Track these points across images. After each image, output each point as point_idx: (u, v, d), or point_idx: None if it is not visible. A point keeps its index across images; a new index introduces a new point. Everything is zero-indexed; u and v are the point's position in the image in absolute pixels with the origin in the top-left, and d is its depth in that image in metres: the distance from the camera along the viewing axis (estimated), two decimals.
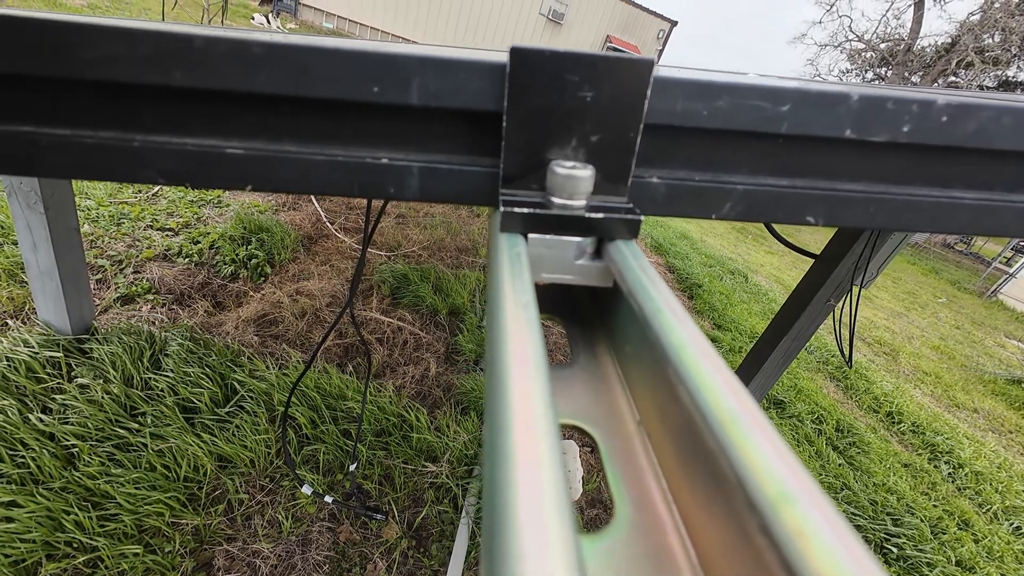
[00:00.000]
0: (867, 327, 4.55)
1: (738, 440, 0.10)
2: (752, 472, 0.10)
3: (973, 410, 3.46)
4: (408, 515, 1.39)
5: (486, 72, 0.20)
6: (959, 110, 0.23)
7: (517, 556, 0.08)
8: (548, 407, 0.11)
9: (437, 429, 1.66)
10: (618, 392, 0.21)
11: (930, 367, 4.01)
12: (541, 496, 0.09)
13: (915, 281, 8.42)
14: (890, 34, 20.64)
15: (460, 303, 2.41)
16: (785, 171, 0.25)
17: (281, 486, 1.36)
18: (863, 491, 2.11)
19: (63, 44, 0.19)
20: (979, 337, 5.69)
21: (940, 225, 0.27)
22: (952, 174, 0.27)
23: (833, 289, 1.26)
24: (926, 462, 2.53)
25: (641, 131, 0.21)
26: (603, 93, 0.20)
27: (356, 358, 1.90)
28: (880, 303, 5.78)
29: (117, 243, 2.09)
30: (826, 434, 2.45)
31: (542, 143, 0.21)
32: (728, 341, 3.09)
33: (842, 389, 3.09)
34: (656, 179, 0.24)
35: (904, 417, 2.88)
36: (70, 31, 0.18)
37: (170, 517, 1.21)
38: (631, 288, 0.17)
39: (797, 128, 0.23)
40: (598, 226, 0.20)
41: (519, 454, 0.10)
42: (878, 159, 0.26)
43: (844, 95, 0.22)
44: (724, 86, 0.22)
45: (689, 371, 0.13)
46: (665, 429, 0.15)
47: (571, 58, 0.19)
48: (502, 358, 0.13)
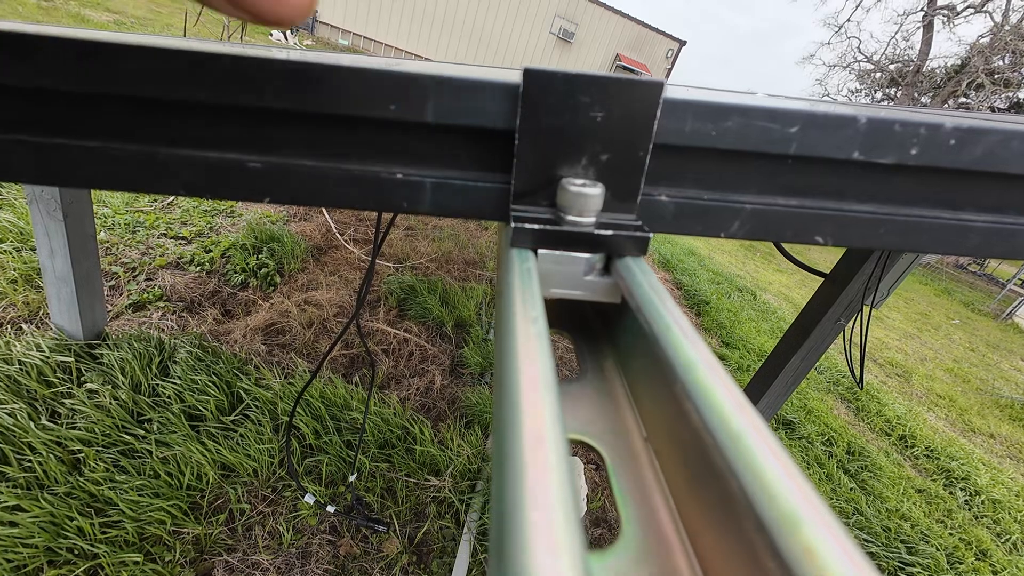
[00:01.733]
0: (879, 348, 4.48)
1: (747, 459, 0.10)
2: (761, 491, 0.10)
3: (990, 435, 3.37)
4: (410, 529, 1.37)
5: (500, 92, 0.21)
6: (967, 134, 0.23)
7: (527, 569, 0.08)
8: (557, 421, 0.11)
9: (441, 442, 1.65)
10: (625, 408, 0.21)
11: (944, 390, 3.93)
12: (551, 510, 0.09)
13: (928, 302, 8.30)
14: (899, 55, 20.74)
15: (466, 315, 2.42)
16: (793, 191, 0.26)
17: (283, 496, 1.35)
18: (876, 517, 2.05)
19: (97, 60, 0.19)
20: (994, 360, 5.57)
21: (950, 247, 0.27)
22: (962, 196, 0.27)
23: (843, 309, 1.25)
24: (941, 488, 2.46)
25: (650, 150, 0.21)
26: (613, 113, 0.20)
27: (362, 368, 1.90)
28: (892, 323, 5.70)
29: (131, 250, 2.12)
30: (837, 456, 2.40)
31: (553, 161, 0.21)
32: (736, 359, 3.05)
33: (853, 411, 3.03)
34: (665, 197, 0.25)
35: (918, 441, 2.82)
36: (104, 48, 0.19)
37: (172, 525, 1.20)
38: (640, 304, 0.18)
39: (805, 149, 0.23)
40: (607, 243, 0.20)
41: (529, 467, 0.10)
42: (887, 180, 0.26)
43: (852, 118, 0.23)
44: (733, 107, 0.22)
45: (698, 389, 0.13)
46: (673, 447, 0.15)
47: (582, 80, 0.20)
48: (512, 371, 0.13)
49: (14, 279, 1.74)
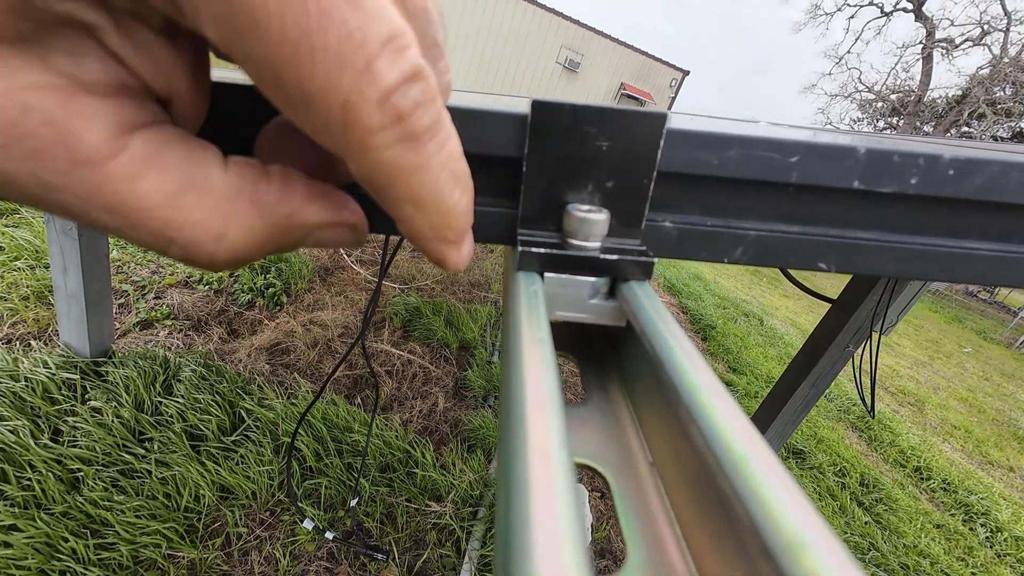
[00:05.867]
0: (890, 376, 4.39)
1: (752, 483, 0.10)
2: (766, 516, 0.10)
3: (1009, 468, 3.27)
4: (409, 557, 1.34)
5: (508, 122, 0.22)
6: (966, 164, 0.23)
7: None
8: (563, 442, 0.11)
9: (442, 467, 1.62)
10: (630, 432, 0.21)
11: (959, 420, 3.83)
12: (557, 533, 0.09)
13: (938, 329, 8.18)
14: (900, 86, 21.11)
15: (471, 337, 2.41)
16: (796, 218, 0.26)
17: (281, 520, 1.33)
18: (893, 553, 1.98)
19: None
20: (1010, 390, 5.44)
21: (954, 275, 0.27)
22: (964, 225, 0.27)
23: (852, 335, 1.23)
24: (960, 523, 2.37)
25: (654, 178, 0.22)
26: (619, 143, 0.21)
27: (365, 390, 1.89)
28: (902, 351, 5.61)
29: (142, 269, 2.16)
30: (850, 488, 2.33)
31: (559, 188, 0.22)
32: (744, 385, 3.00)
33: (865, 440, 2.95)
34: (669, 223, 0.25)
35: (934, 473, 2.73)
36: None
37: (167, 549, 1.18)
38: (644, 328, 0.18)
39: (806, 178, 0.24)
40: (612, 267, 0.20)
41: (534, 489, 0.10)
42: (888, 209, 0.26)
43: (851, 148, 0.23)
44: (735, 138, 0.23)
45: (702, 412, 0.13)
46: (678, 471, 0.15)
47: (589, 111, 0.20)
48: (518, 391, 0.13)
49: (26, 296, 1.76)
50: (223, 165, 0.14)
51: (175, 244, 0.13)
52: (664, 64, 15.56)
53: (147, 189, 0.13)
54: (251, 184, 0.15)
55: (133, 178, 0.12)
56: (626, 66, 15.32)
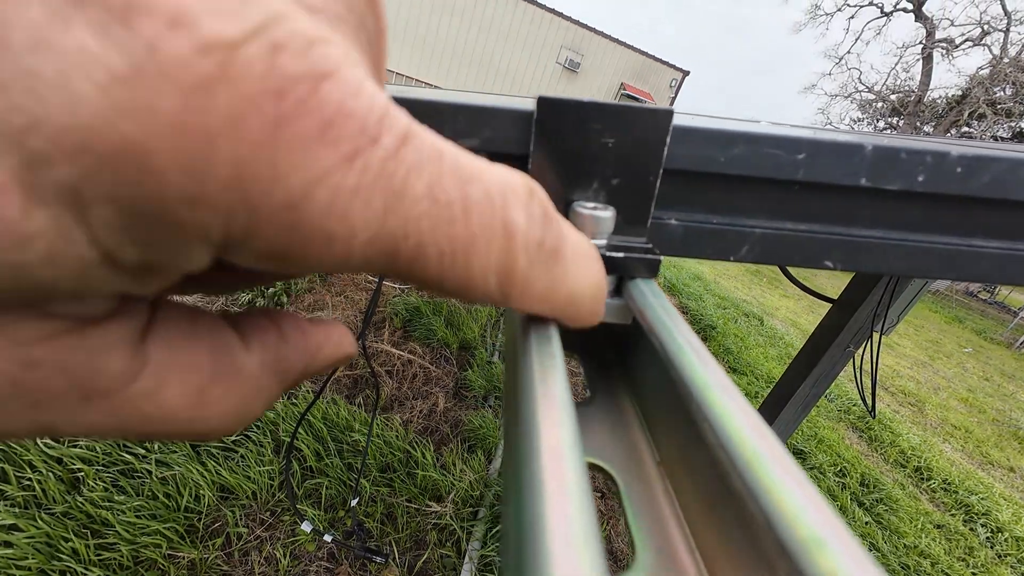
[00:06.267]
0: (890, 376, 4.39)
1: (766, 481, 0.10)
2: (781, 514, 0.09)
3: (1009, 468, 3.26)
4: (409, 558, 1.33)
5: (514, 119, 0.21)
6: (973, 162, 0.23)
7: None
8: (575, 438, 0.11)
9: (443, 467, 1.62)
10: (637, 431, 0.21)
11: (959, 420, 3.83)
12: (573, 534, 0.09)
13: (938, 329, 8.18)
14: (900, 86, 21.12)
15: (471, 337, 2.41)
16: (802, 216, 0.26)
17: (281, 520, 1.33)
18: (893, 553, 1.97)
19: None
20: (1010, 390, 5.44)
21: (961, 273, 0.27)
22: (971, 222, 0.27)
23: (852, 335, 1.23)
24: (961, 524, 2.37)
25: (660, 175, 0.22)
26: (624, 140, 0.21)
27: (365, 390, 1.89)
28: (903, 351, 5.61)
29: None
30: (850, 488, 2.33)
31: (565, 185, 0.22)
32: (744, 385, 3.01)
33: (865, 440, 2.95)
34: (674, 221, 0.25)
35: (934, 473, 2.73)
36: None
37: (167, 549, 1.18)
38: (651, 326, 0.18)
39: (812, 176, 0.24)
40: (619, 265, 0.20)
41: (548, 490, 0.10)
42: (895, 206, 0.26)
43: (858, 145, 0.23)
44: (740, 135, 0.23)
45: (713, 410, 0.13)
46: (687, 470, 0.15)
47: (595, 107, 0.20)
48: (528, 391, 0.13)
49: None
50: (243, 342, 0.13)
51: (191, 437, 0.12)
52: (664, 64, 15.56)
53: (170, 397, 0.11)
54: (273, 354, 0.13)
55: (155, 392, 0.11)
56: (626, 66, 15.32)
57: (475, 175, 0.11)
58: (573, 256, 0.14)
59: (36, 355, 0.09)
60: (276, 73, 0.08)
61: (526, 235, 0.12)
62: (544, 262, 0.13)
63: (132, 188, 0.08)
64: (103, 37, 0.07)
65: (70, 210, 0.08)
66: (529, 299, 0.13)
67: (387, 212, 0.10)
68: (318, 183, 0.09)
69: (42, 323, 0.09)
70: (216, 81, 0.08)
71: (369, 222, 0.09)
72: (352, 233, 0.09)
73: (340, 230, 0.09)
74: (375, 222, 0.10)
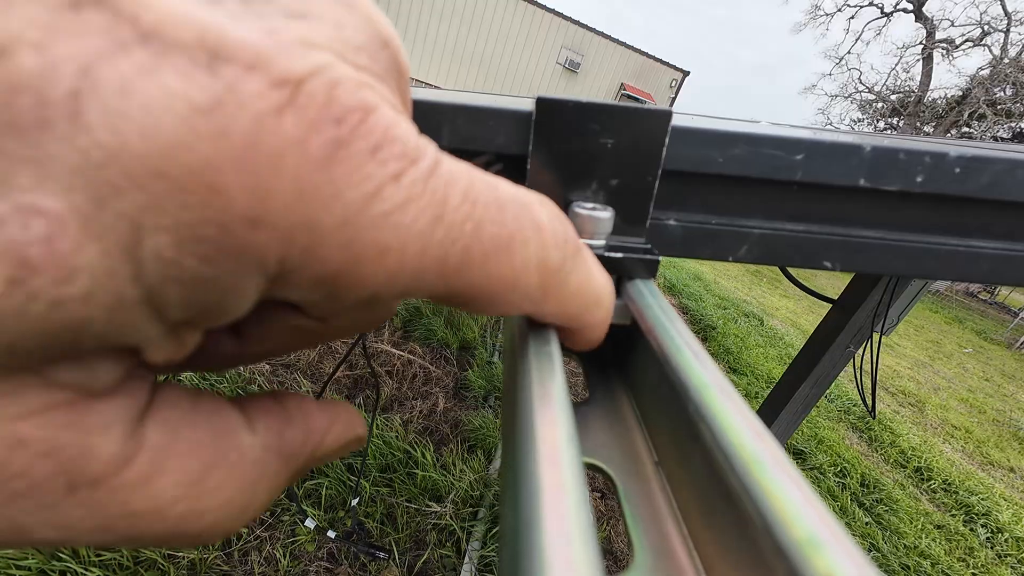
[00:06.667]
0: (890, 376, 4.39)
1: (763, 481, 0.10)
2: (778, 515, 0.09)
3: (1009, 469, 3.26)
4: (409, 558, 1.33)
5: (513, 119, 0.21)
6: (972, 162, 0.23)
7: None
8: (572, 438, 0.11)
9: (443, 467, 1.62)
10: (635, 432, 0.21)
11: (959, 421, 3.83)
12: (568, 530, 0.09)
13: (938, 330, 8.17)
14: (900, 86, 21.12)
15: (471, 338, 2.41)
16: (800, 216, 0.26)
17: (281, 521, 1.33)
18: (893, 554, 1.97)
19: None
20: (1010, 391, 5.44)
21: (959, 273, 0.27)
22: (970, 223, 0.27)
23: (852, 335, 1.23)
24: (961, 524, 2.36)
25: (659, 176, 0.22)
26: (623, 140, 0.21)
27: (365, 390, 1.89)
28: (903, 351, 5.60)
29: None
30: (851, 488, 2.32)
31: (564, 185, 0.22)
32: (744, 386, 3.00)
33: (866, 441, 2.95)
34: (673, 221, 0.25)
35: (934, 474, 2.73)
36: None
37: (167, 549, 1.18)
38: (650, 326, 0.18)
39: (811, 176, 0.24)
40: (617, 265, 0.20)
41: (545, 489, 0.10)
42: (894, 207, 0.26)
43: (857, 146, 0.23)
44: (739, 135, 0.23)
45: (711, 411, 0.13)
46: (685, 470, 0.15)
47: (594, 108, 0.20)
48: (525, 391, 0.13)
49: None
50: (247, 424, 0.12)
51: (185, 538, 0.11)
52: (664, 64, 15.56)
53: (164, 486, 0.10)
54: (277, 436, 0.13)
55: (148, 479, 0.10)
56: (626, 66, 15.32)
57: (498, 184, 0.12)
58: (592, 257, 0.15)
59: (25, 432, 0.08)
60: (335, 103, 0.09)
61: (553, 230, 0.13)
62: (572, 257, 0.14)
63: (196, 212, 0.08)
64: (187, 79, 0.08)
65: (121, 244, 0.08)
66: (564, 298, 0.14)
67: (435, 221, 0.10)
68: (372, 198, 0.10)
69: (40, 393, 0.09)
70: (285, 108, 0.09)
71: (420, 232, 0.10)
72: (404, 245, 0.10)
73: (394, 242, 0.10)
74: (425, 232, 0.10)
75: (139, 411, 0.10)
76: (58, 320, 0.08)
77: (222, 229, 0.08)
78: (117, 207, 0.08)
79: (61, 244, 0.07)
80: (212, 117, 0.08)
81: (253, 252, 0.09)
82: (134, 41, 0.08)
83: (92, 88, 0.07)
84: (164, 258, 0.08)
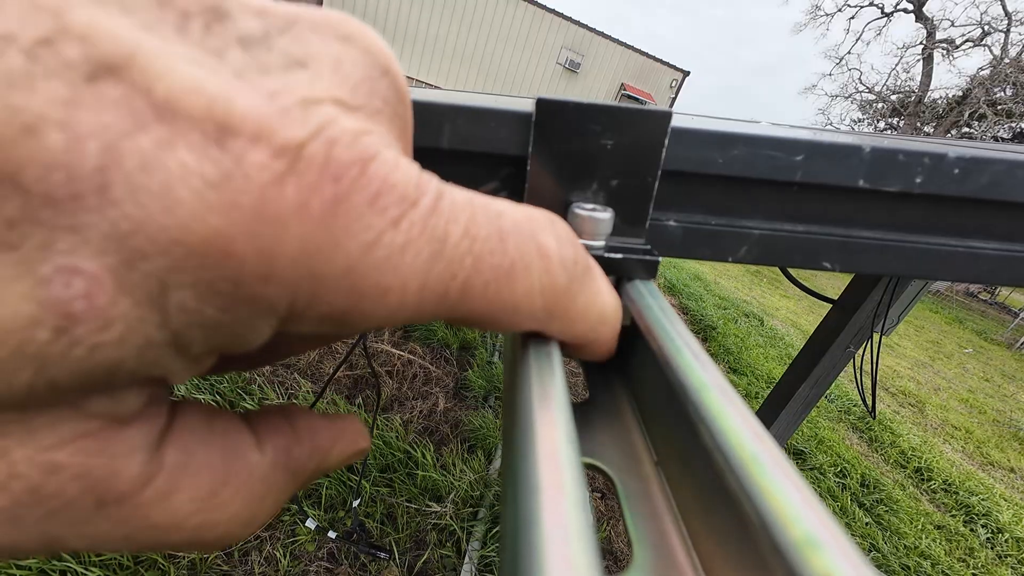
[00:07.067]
0: (890, 376, 4.39)
1: (761, 482, 0.10)
2: (777, 515, 0.09)
3: (1010, 469, 3.26)
4: (409, 558, 1.33)
5: (513, 120, 0.21)
6: (971, 163, 0.23)
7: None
8: (571, 439, 0.11)
9: (443, 467, 1.62)
10: (635, 432, 0.21)
11: (960, 421, 3.82)
12: (568, 534, 0.09)
13: (938, 330, 8.17)
14: (900, 86, 21.10)
15: (472, 338, 2.41)
16: (800, 217, 0.26)
17: (281, 521, 1.33)
18: (894, 554, 1.97)
19: None
20: (1011, 391, 5.43)
21: (959, 274, 0.27)
22: (969, 224, 0.27)
23: (852, 335, 1.23)
24: (961, 524, 2.36)
25: (658, 177, 0.22)
26: (623, 141, 0.21)
27: (365, 390, 1.89)
28: (903, 352, 5.60)
29: None
30: (851, 489, 2.32)
31: (564, 186, 0.22)
32: (744, 386, 3.00)
33: (866, 441, 2.95)
34: (673, 222, 0.25)
35: (934, 474, 2.72)
36: None
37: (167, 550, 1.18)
38: (650, 327, 0.18)
39: (811, 177, 0.24)
40: (617, 266, 0.20)
41: (544, 490, 0.10)
42: (893, 208, 0.26)
43: (856, 147, 0.23)
44: (739, 136, 0.23)
45: (709, 411, 0.13)
46: (684, 470, 0.15)
47: (593, 109, 0.20)
48: (525, 391, 0.13)
49: None
50: (256, 443, 0.13)
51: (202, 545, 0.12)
52: (664, 65, 15.56)
53: (180, 501, 0.11)
54: (285, 454, 0.14)
55: (167, 496, 0.11)
56: (627, 67, 15.32)
57: (503, 212, 0.13)
58: (602, 276, 0.16)
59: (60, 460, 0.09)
60: (333, 162, 0.10)
61: (560, 254, 0.13)
62: (580, 278, 0.14)
63: (213, 272, 0.09)
64: (200, 155, 0.09)
65: (150, 297, 0.09)
66: (571, 318, 0.14)
67: (433, 259, 0.11)
68: (373, 245, 0.10)
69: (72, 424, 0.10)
70: (287, 175, 0.09)
71: (418, 271, 0.11)
72: (404, 284, 0.11)
73: (394, 282, 0.11)
74: (423, 269, 0.11)
75: (159, 435, 0.11)
76: (95, 361, 0.09)
77: (236, 285, 0.09)
78: (144, 268, 0.09)
79: (99, 299, 0.08)
80: (223, 191, 0.09)
81: (264, 302, 0.10)
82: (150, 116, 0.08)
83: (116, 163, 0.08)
84: (187, 308, 0.09)
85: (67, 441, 0.10)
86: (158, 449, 0.11)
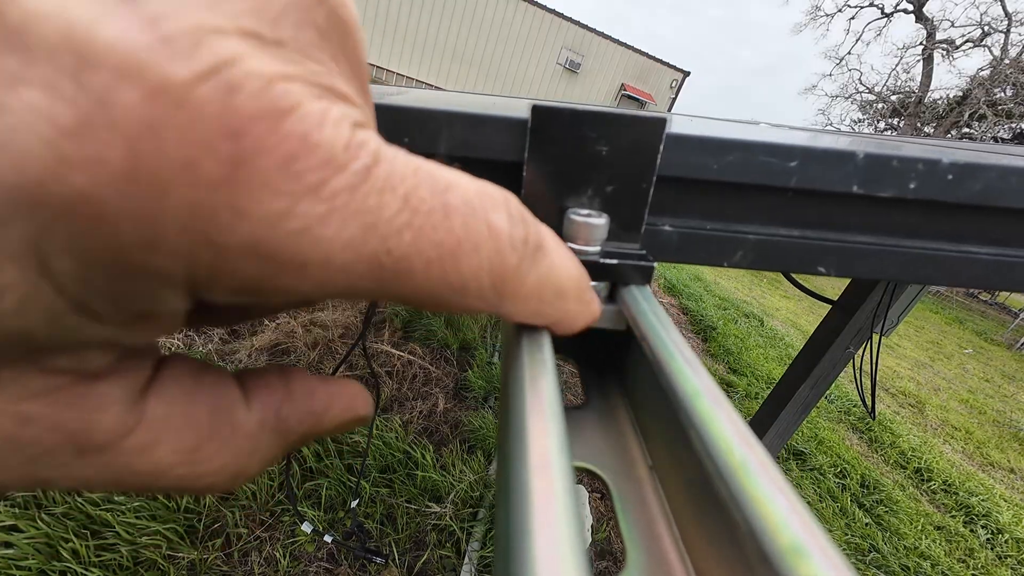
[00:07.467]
0: (890, 377, 4.39)
1: (750, 490, 0.10)
2: (764, 522, 0.10)
3: (1010, 470, 3.26)
4: (409, 558, 1.34)
5: (509, 127, 0.22)
6: (964, 169, 0.23)
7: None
8: (563, 447, 0.12)
9: (443, 467, 1.62)
10: (630, 436, 0.21)
11: (960, 421, 3.82)
12: (557, 539, 0.09)
13: (939, 330, 8.17)
14: (900, 87, 21.09)
15: (471, 338, 2.41)
16: (795, 222, 0.26)
17: (281, 521, 1.33)
18: (893, 555, 1.97)
19: None
20: (1011, 391, 5.43)
21: (954, 279, 0.27)
22: (964, 229, 0.27)
23: (852, 336, 1.23)
24: (961, 525, 2.36)
25: (654, 182, 0.22)
26: (618, 147, 0.21)
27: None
28: (903, 352, 5.60)
29: None
30: (851, 489, 2.32)
31: (559, 192, 0.22)
32: (744, 386, 3.00)
33: (866, 441, 2.95)
34: (668, 227, 0.25)
35: (934, 474, 2.72)
36: None
37: (167, 550, 1.18)
38: (644, 333, 0.18)
39: (805, 182, 0.24)
40: (612, 271, 0.21)
41: (535, 496, 0.10)
42: (887, 213, 0.26)
43: (850, 153, 0.23)
44: (734, 142, 0.23)
45: (700, 418, 0.13)
46: (677, 476, 0.15)
47: (589, 115, 0.20)
48: (518, 396, 0.13)
49: None
50: (244, 399, 0.13)
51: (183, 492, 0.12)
52: (665, 65, 15.56)
53: (162, 454, 0.11)
54: (274, 411, 0.13)
55: (149, 447, 0.11)
56: (627, 67, 15.32)
57: (452, 184, 0.12)
58: (556, 249, 0.14)
59: (30, 411, 0.09)
60: (230, 113, 0.08)
61: (511, 234, 0.12)
62: (532, 256, 0.13)
63: (87, 240, 0.08)
64: (52, 94, 0.07)
65: (33, 263, 0.08)
66: (523, 297, 0.13)
67: (365, 232, 0.10)
68: (284, 215, 0.09)
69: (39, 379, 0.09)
70: (164, 127, 0.08)
71: (346, 245, 0.10)
72: (327, 258, 0.09)
73: (314, 256, 0.09)
74: (352, 244, 0.10)
75: (139, 388, 0.11)
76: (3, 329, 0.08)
77: (116, 252, 0.08)
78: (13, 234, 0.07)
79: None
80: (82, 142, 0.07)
81: (156, 271, 0.09)
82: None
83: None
84: (75, 277, 0.08)
85: (37, 394, 0.09)
86: (138, 402, 0.11)
